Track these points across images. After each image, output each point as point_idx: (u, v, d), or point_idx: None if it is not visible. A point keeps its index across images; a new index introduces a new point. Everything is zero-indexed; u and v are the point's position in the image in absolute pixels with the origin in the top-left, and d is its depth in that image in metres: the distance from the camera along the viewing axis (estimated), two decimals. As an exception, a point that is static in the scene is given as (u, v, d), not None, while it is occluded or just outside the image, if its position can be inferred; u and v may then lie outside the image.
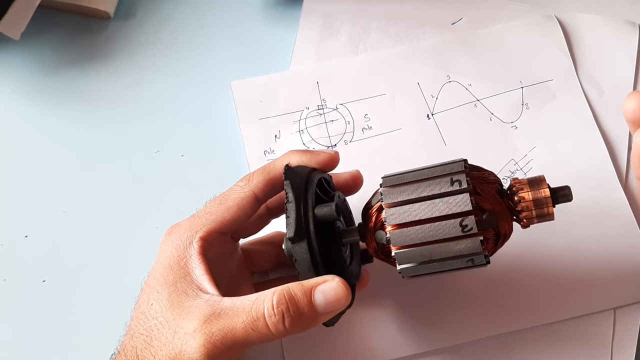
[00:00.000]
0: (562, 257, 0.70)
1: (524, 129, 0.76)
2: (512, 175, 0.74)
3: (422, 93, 0.78)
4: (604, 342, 0.68)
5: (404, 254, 0.55)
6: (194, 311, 0.52)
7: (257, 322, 0.50)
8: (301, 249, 0.54)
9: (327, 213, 0.55)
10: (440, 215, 0.53)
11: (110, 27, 0.83)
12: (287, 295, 0.51)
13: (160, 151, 0.77)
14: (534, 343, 0.68)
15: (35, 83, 0.80)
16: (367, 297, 0.68)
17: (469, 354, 0.68)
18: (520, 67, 0.79)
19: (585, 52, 0.80)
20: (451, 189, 0.53)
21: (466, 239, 0.53)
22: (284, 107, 0.78)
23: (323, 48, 0.81)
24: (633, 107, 0.49)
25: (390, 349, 0.68)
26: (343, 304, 0.52)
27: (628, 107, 0.49)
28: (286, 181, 0.55)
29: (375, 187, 0.60)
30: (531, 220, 0.55)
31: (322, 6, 0.83)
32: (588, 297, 0.69)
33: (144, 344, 0.53)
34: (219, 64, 0.81)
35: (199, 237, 0.56)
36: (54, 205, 0.74)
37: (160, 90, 0.80)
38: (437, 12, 0.83)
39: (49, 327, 0.70)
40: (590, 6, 0.82)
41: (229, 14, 0.83)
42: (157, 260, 0.58)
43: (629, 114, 0.49)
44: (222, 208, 0.58)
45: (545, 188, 0.54)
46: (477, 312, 0.68)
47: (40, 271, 0.72)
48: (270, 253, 0.67)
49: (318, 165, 0.60)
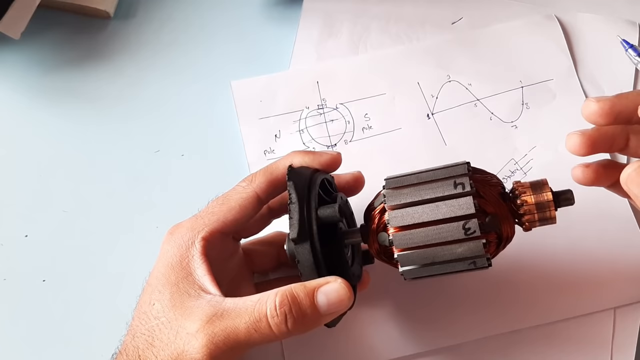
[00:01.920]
0: (562, 256, 0.70)
1: (524, 129, 0.76)
2: (512, 175, 0.74)
3: (422, 93, 0.78)
4: (604, 342, 0.68)
5: (406, 256, 0.55)
6: (196, 311, 0.52)
7: (260, 323, 0.50)
8: (304, 250, 0.53)
9: (330, 214, 0.55)
10: (444, 218, 0.53)
11: (110, 27, 0.83)
12: (290, 296, 0.51)
13: (160, 151, 0.77)
14: (534, 343, 0.68)
15: (35, 83, 0.80)
16: (367, 297, 0.68)
17: (469, 354, 0.68)
18: (520, 67, 0.79)
19: (585, 52, 0.80)
20: (454, 192, 0.53)
21: (469, 242, 0.53)
22: (284, 107, 0.78)
23: (323, 48, 0.81)
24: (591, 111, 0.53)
25: (390, 349, 0.68)
26: (345, 305, 0.52)
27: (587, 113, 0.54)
28: (289, 182, 0.55)
29: (375, 187, 0.60)
30: (533, 223, 0.55)
31: (322, 6, 0.83)
32: (588, 297, 0.69)
33: (146, 344, 0.53)
34: (218, 63, 0.81)
35: (201, 237, 0.56)
36: (54, 205, 0.74)
37: (160, 90, 0.80)
38: (437, 12, 0.83)
39: (49, 327, 0.70)
40: (590, 6, 0.82)
41: (229, 14, 0.83)
42: (159, 259, 0.58)
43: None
44: (225, 208, 0.58)
45: (547, 192, 0.54)
46: (477, 312, 0.68)
47: (40, 271, 0.72)
48: (271, 253, 0.67)
49: (320, 166, 0.60)
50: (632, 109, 0.52)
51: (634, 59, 0.60)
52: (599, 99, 0.53)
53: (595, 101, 0.53)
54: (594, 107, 0.53)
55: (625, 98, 0.53)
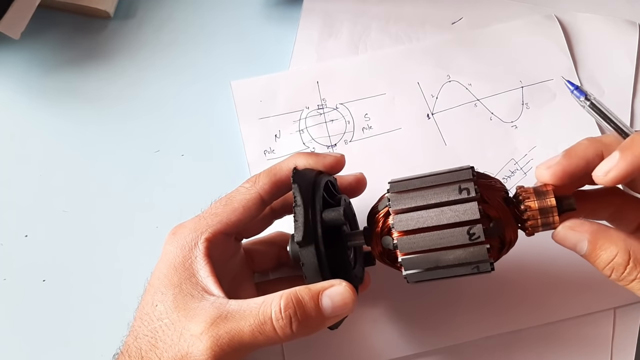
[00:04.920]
0: (562, 256, 0.70)
1: (524, 129, 0.76)
2: (512, 175, 0.74)
3: (422, 93, 0.78)
4: (604, 342, 0.68)
5: (410, 260, 0.55)
6: (200, 313, 0.52)
7: (265, 326, 0.50)
8: (309, 253, 0.54)
9: (334, 217, 0.55)
10: (448, 223, 0.53)
11: (110, 26, 0.83)
12: (295, 299, 0.51)
13: (160, 150, 0.77)
14: (534, 343, 0.68)
15: (35, 83, 0.80)
16: (368, 298, 0.68)
17: (469, 354, 0.68)
18: (520, 67, 0.79)
19: (585, 52, 0.80)
20: (459, 197, 0.53)
21: (473, 247, 0.53)
22: (284, 107, 0.78)
23: (323, 48, 0.81)
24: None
25: (391, 349, 0.68)
26: (350, 308, 0.52)
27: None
28: (294, 184, 0.55)
29: (375, 187, 0.60)
30: (536, 228, 0.55)
31: (322, 6, 0.83)
32: (588, 297, 0.69)
33: (149, 345, 0.53)
34: (219, 63, 0.81)
35: (205, 238, 0.56)
36: (54, 205, 0.74)
37: (160, 90, 0.80)
38: (437, 12, 0.83)
39: (49, 327, 0.70)
40: (590, 6, 0.82)
41: (229, 14, 0.83)
42: (161, 260, 0.58)
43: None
44: (228, 209, 0.58)
45: (551, 197, 0.54)
46: (477, 312, 0.69)
47: (40, 271, 0.72)
48: (272, 253, 0.67)
49: (324, 168, 0.60)
50: (582, 166, 0.54)
51: (580, 101, 0.60)
52: (549, 165, 0.55)
53: (545, 168, 0.55)
54: (546, 176, 0.55)
55: (574, 156, 0.55)
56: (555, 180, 0.54)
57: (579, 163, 0.54)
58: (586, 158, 0.54)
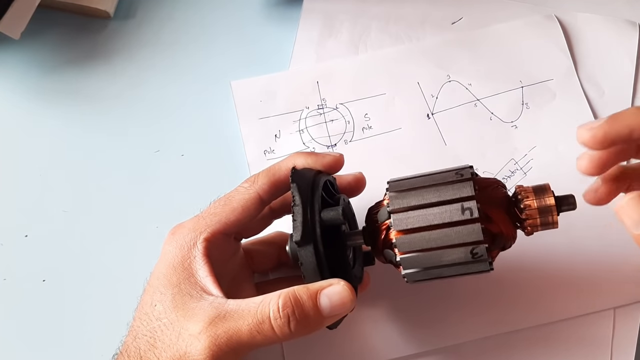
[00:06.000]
0: (562, 256, 0.70)
1: (524, 129, 0.76)
2: (512, 175, 0.74)
3: (422, 93, 0.78)
4: (604, 342, 0.68)
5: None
6: (198, 313, 0.52)
7: (263, 325, 0.50)
8: (307, 253, 0.53)
9: (333, 217, 0.55)
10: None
11: (110, 27, 0.83)
12: (293, 298, 0.51)
13: (160, 151, 0.77)
14: (534, 343, 0.68)
15: (35, 83, 0.80)
16: (368, 298, 0.68)
17: (469, 354, 0.68)
18: (520, 67, 0.79)
19: (585, 52, 0.80)
20: (462, 219, 0.53)
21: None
22: (284, 107, 0.78)
23: (323, 48, 0.81)
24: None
25: (390, 349, 0.68)
26: (348, 308, 0.52)
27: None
28: (293, 184, 0.55)
29: (375, 187, 0.60)
30: (535, 228, 0.55)
31: (322, 6, 0.83)
32: (588, 297, 0.69)
33: (148, 345, 0.53)
34: (219, 63, 0.81)
35: (204, 238, 0.56)
36: (54, 205, 0.74)
37: (160, 90, 0.80)
38: (437, 12, 0.83)
39: (49, 326, 0.70)
40: (590, 6, 0.82)
41: (229, 14, 0.83)
42: (160, 260, 0.58)
43: None
44: (227, 209, 0.58)
45: (550, 196, 0.54)
46: (477, 312, 0.69)
47: (40, 271, 0.72)
48: (272, 253, 0.67)
49: (323, 167, 0.60)
50: (625, 134, 0.50)
51: None
52: (591, 127, 0.51)
53: (586, 129, 0.51)
54: (586, 136, 0.51)
55: (618, 121, 0.50)
56: (594, 143, 0.50)
57: (622, 130, 0.50)
58: (630, 126, 0.50)
